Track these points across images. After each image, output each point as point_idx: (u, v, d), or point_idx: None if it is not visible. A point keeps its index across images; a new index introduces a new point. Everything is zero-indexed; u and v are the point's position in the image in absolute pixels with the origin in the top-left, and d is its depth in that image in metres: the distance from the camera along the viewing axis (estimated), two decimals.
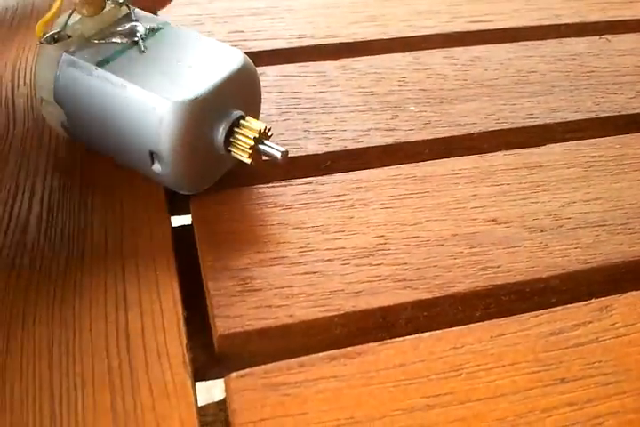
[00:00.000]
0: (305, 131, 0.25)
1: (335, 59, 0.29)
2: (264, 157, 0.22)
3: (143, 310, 0.19)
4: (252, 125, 0.21)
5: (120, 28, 0.22)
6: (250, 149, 0.21)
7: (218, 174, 0.23)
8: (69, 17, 0.22)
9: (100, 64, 0.21)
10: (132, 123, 0.21)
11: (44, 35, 0.22)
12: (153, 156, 0.21)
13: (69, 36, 0.22)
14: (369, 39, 0.31)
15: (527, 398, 0.18)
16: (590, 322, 0.20)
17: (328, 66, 0.29)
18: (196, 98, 0.20)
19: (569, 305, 0.20)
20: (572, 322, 0.19)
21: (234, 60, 0.22)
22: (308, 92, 0.27)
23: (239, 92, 0.22)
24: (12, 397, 0.17)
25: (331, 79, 0.28)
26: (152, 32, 0.23)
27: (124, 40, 0.22)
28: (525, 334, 0.19)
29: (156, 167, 0.21)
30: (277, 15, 0.32)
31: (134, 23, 0.23)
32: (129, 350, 0.18)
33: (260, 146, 0.21)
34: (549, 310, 0.20)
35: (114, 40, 0.22)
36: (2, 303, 0.19)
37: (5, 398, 0.17)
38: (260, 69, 0.28)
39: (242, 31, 0.30)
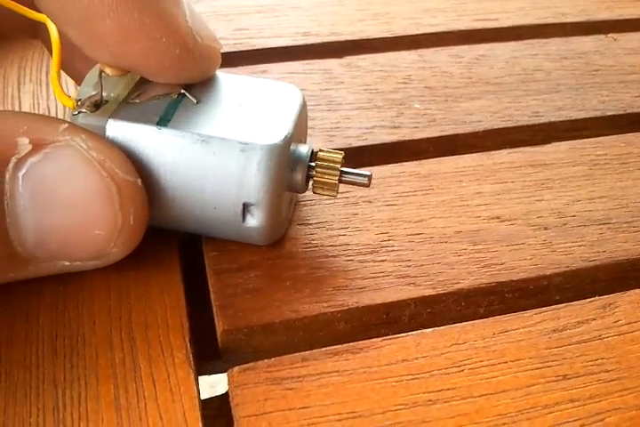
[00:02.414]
0: (310, 128, 0.25)
1: (340, 56, 0.29)
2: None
3: (147, 304, 0.19)
4: (333, 157, 0.20)
5: (155, 83, 0.20)
6: (338, 182, 0.20)
7: (289, 215, 0.22)
8: (100, 77, 0.19)
9: (161, 123, 0.19)
10: (219, 178, 0.19)
11: (79, 102, 0.19)
12: (246, 209, 0.19)
13: (106, 101, 0.19)
14: (374, 37, 0.31)
15: (529, 394, 0.18)
16: (593, 319, 0.20)
17: (333, 63, 0.29)
18: (285, 138, 0.19)
19: (572, 302, 0.20)
20: (576, 319, 0.19)
21: (294, 97, 0.20)
22: (313, 90, 0.27)
23: (301, 127, 0.21)
24: (15, 388, 0.17)
25: (335, 77, 0.28)
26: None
27: (169, 94, 0.20)
28: (528, 330, 0.19)
29: (251, 222, 0.19)
30: (282, 13, 0.32)
31: None
32: (132, 344, 0.18)
33: (345, 176, 0.20)
34: (553, 307, 0.20)
35: (157, 96, 0.19)
36: (5, 297, 0.19)
37: (9, 390, 0.17)
38: (264, 67, 0.28)
39: (247, 29, 0.30)
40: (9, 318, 0.19)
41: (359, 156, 0.25)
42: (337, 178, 0.20)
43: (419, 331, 0.19)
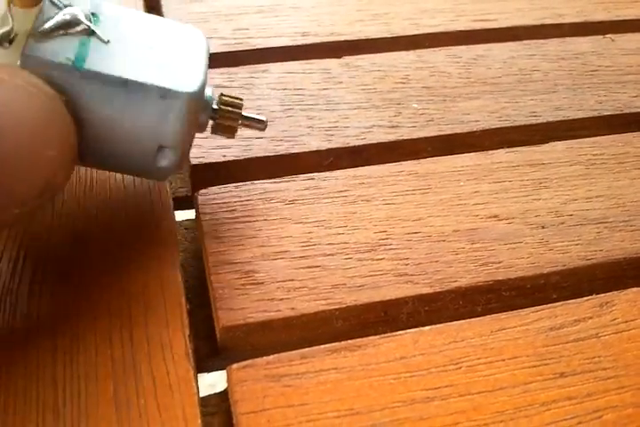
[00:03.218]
0: (308, 127, 0.26)
1: (339, 56, 0.29)
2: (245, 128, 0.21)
3: (146, 302, 0.19)
4: (235, 102, 0.21)
5: (58, 18, 0.19)
6: (240, 124, 0.21)
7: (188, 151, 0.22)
8: (10, 9, 0.18)
9: (77, 62, 0.18)
10: (136, 121, 0.19)
11: None
12: (159, 151, 0.20)
13: (16, 35, 0.18)
14: (373, 37, 0.31)
15: (526, 391, 0.18)
16: (590, 318, 0.20)
17: (332, 63, 0.29)
18: (201, 84, 0.19)
19: (569, 301, 0.20)
20: (573, 317, 0.20)
21: (199, 40, 0.21)
22: (312, 89, 0.27)
23: (206, 71, 0.21)
24: (15, 386, 0.17)
25: (334, 76, 0.28)
26: (95, 16, 0.20)
27: (76, 31, 0.19)
28: (525, 328, 0.19)
29: (162, 162, 0.20)
30: (282, 13, 0.32)
31: (70, 10, 0.19)
32: (132, 341, 0.18)
33: (245, 121, 0.21)
34: (550, 305, 0.20)
35: (66, 31, 0.19)
36: (5, 295, 0.19)
37: (9, 388, 0.17)
38: (264, 66, 0.28)
39: (247, 29, 0.30)
40: (9, 317, 0.19)
41: (357, 155, 0.25)
42: (238, 122, 0.21)
43: (417, 329, 0.19)
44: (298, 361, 0.18)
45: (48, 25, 0.19)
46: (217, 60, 0.29)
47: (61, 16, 0.19)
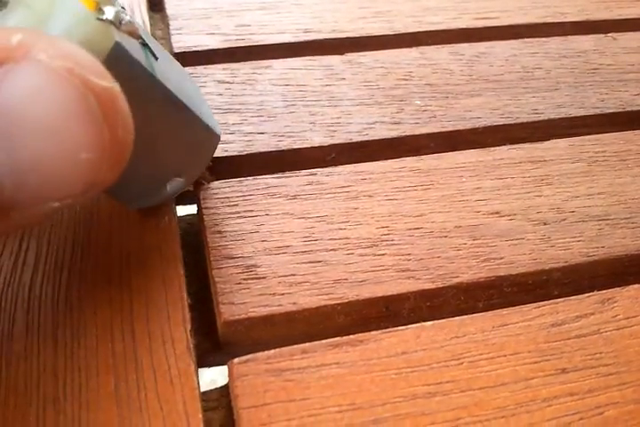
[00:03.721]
0: (311, 123, 0.26)
1: (341, 53, 0.29)
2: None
3: (148, 296, 0.19)
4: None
5: (126, 17, 0.16)
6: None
7: None
8: None
9: (153, 71, 0.17)
10: (170, 146, 0.18)
11: (100, 8, 0.16)
12: (172, 179, 0.20)
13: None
14: (375, 34, 0.31)
15: (528, 387, 0.18)
16: (592, 314, 0.20)
17: (334, 60, 0.29)
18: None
19: (571, 297, 0.20)
20: (574, 314, 0.20)
21: (193, 80, 0.22)
22: (315, 86, 0.27)
23: None
24: (15, 378, 0.17)
25: (337, 73, 0.28)
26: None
27: (138, 37, 0.17)
28: (527, 324, 0.19)
29: (169, 189, 0.20)
30: (284, 9, 0.32)
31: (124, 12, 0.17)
32: (133, 336, 0.18)
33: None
34: (551, 301, 0.20)
35: (134, 34, 0.17)
36: (6, 287, 0.19)
37: (10, 380, 0.17)
38: (266, 62, 0.28)
39: (249, 25, 0.30)
40: (9, 310, 0.19)
41: (360, 150, 0.25)
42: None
43: (418, 324, 0.19)
44: (299, 356, 0.18)
45: (116, 18, 0.16)
46: (219, 56, 0.29)
47: (124, 15, 0.17)
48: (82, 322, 0.19)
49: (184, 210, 0.24)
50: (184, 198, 0.24)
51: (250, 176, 0.23)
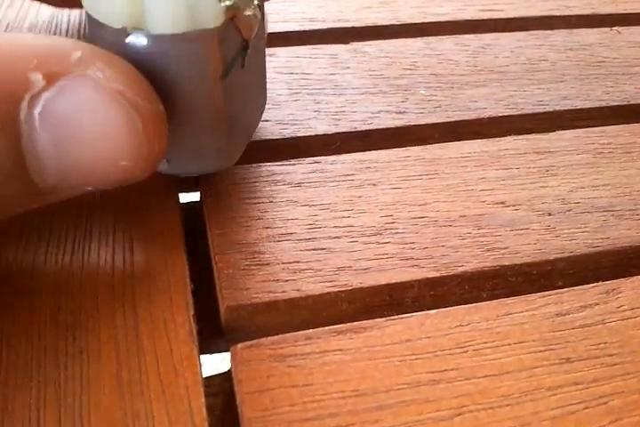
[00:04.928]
0: (315, 111, 0.25)
1: (346, 42, 0.29)
2: None
3: (151, 281, 0.19)
4: None
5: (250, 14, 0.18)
6: None
7: None
8: None
9: (221, 74, 0.18)
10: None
11: None
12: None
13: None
14: (380, 24, 0.31)
15: (532, 376, 0.18)
16: (597, 304, 0.20)
17: (339, 49, 0.29)
18: None
19: (576, 287, 0.20)
20: (579, 304, 0.19)
21: None
22: (319, 74, 0.27)
23: None
24: (16, 361, 0.17)
25: (342, 62, 0.28)
26: None
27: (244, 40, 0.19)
28: (532, 314, 0.19)
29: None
30: None
31: None
32: (135, 320, 0.18)
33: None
34: (556, 291, 0.20)
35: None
36: (8, 272, 0.19)
37: (10, 363, 0.17)
38: (270, 50, 0.28)
39: None
40: (12, 295, 0.19)
41: (364, 139, 0.25)
42: None
43: (423, 312, 0.19)
44: (303, 342, 0.18)
45: (234, 8, 0.17)
46: None
47: (250, 13, 0.18)
48: (84, 305, 0.18)
49: (187, 197, 0.23)
50: (187, 185, 0.23)
51: (253, 163, 0.23)
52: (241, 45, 0.19)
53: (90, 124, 0.16)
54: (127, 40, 0.17)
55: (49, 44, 0.16)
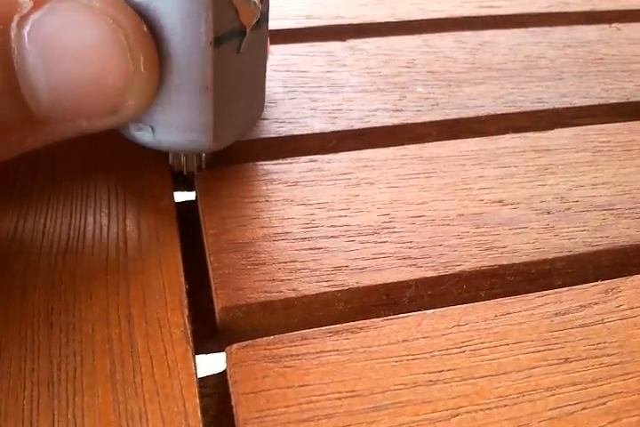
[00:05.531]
0: (312, 109, 0.25)
1: (343, 39, 0.29)
2: None
3: (145, 280, 0.19)
4: None
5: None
6: None
7: None
8: None
9: (206, 48, 0.18)
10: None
11: None
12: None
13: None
14: (377, 21, 0.30)
15: (530, 376, 0.17)
16: (596, 304, 0.19)
17: (336, 46, 0.28)
18: None
19: (574, 287, 0.20)
20: (578, 303, 0.19)
21: None
22: (316, 72, 0.27)
23: None
24: (9, 363, 0.17)
25: (338, 59, 0.28)
26: None
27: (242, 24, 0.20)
28: (530, 313, 0.19)
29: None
30: None
31: None
32: (129, 320, 0.18)
33: None
34: (555, 290, 0.20)
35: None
36: (2, 271, 0.19)
37: (3, 365, 0.17)
38: None
39: None
40: (5, 294, 0.18)
41: (361, 138, 0.25)
42: None
43: (420, 312, 0.19)
44: (298, 342, 0.18)
45: None
46: None
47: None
48: (77, 306, 0.18)
49: (182, 196, 0.23)
50: (182, 184, 0.23)
51: (249, 162, 0.23)
52: (238, 29, 0.19)
53: (76, 41, 0.16)
54: None
55: None
